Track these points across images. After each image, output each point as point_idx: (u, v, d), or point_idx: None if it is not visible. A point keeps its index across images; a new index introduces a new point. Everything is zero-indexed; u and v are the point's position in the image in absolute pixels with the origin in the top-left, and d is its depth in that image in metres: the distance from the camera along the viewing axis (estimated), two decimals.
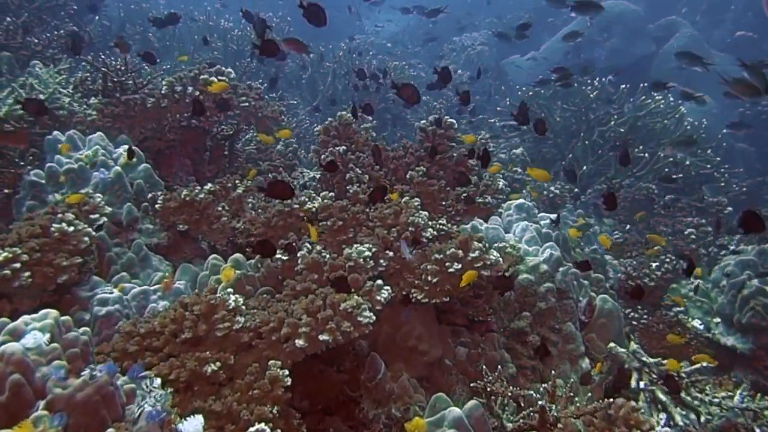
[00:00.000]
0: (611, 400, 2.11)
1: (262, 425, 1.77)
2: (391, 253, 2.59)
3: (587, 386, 2.90)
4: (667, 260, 4.31)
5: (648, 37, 9.26)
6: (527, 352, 2.87)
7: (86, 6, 5.57)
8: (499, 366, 2.58)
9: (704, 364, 2.68)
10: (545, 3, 5.57)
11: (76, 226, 2.41)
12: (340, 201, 2.88)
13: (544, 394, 2.22)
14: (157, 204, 2.94)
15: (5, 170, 2.85)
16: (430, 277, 2.50)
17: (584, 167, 5.66)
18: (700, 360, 2.78)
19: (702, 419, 2.56)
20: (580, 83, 5.80)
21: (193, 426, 1.58)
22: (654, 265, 4.30)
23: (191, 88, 3.47)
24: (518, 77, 9.45)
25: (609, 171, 5.52)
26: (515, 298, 2.94)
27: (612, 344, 2.89)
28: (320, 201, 2.87)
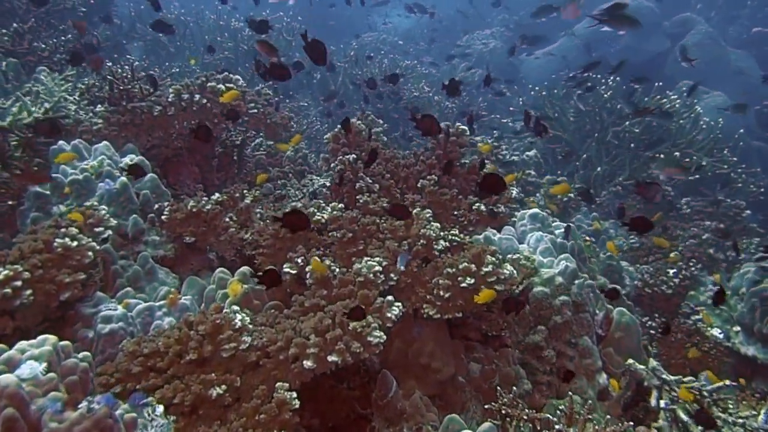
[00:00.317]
0: (631, 424, 2.03)
1: None
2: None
3: (605, 402, 2.82)
4: (684, 267, 4.20)
5: (662, 34, 9.12)
6: (542, 368, 2.79)
7: (100, 17, 5.55)
8: (514, 386, 2.50)
9: (727, 383, 2.59)
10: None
11: (80, 241, 2.36)
12: (350, 212, 2.81)
13: (561, 417, 2.14)
14: (164, 215, 2.88)
15: (9, 181, 2.80)
16: (442, 292, 2.43)
17: (598, 168, 5.55)
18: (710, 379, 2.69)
19: None
20: (595, 82, 5.68)
21: None
22: (671, 272, 4.19)
23: (198, 96, 3.41)
24: (530, 75, 9.33)
25: (623, 172, 5.42)
26: (530, 312, 2.86)
27: (630, 360, 2.80)
28: (329, 212, 2.80)
